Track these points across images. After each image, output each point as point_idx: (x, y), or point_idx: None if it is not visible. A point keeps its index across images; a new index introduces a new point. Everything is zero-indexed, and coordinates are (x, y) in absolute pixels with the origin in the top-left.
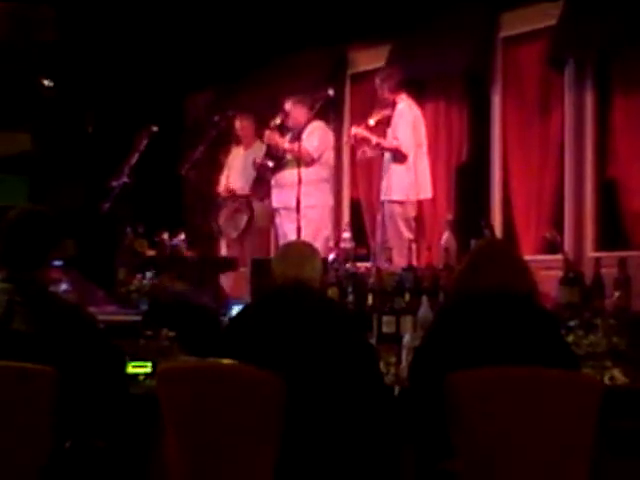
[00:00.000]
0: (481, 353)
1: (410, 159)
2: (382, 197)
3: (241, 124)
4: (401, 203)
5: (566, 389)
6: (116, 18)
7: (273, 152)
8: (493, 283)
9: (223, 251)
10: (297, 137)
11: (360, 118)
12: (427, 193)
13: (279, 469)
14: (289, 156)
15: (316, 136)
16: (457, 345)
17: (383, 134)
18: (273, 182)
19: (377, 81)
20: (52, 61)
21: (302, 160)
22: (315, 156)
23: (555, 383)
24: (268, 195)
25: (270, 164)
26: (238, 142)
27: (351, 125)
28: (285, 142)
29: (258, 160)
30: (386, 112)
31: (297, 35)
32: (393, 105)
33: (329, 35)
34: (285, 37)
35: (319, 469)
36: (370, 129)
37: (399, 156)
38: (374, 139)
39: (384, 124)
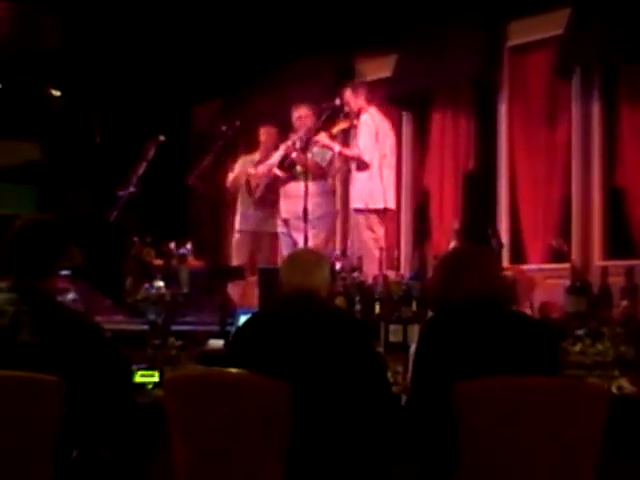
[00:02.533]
0: (476, 362)
1: (374, 168)
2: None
3: (266, 131)
4: (362, 211)
5: (573, 398)
6: (123, 28)
7: (285, 164)
8: (479, 291)
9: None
10: (305, 147)
11: None
12: (391, 203)
13: (286, 477)
14: (299, 168)
15: (327, 150)
16: (453, 355)
17: (347, 144)
18: (282, 193)
19: (347, 93)
20: (60, 71)
21: (312, 173)
22: (327, 170)
23: (562, 392)
24: (276, 205)
25: (281, 174)
26: (250, 150)
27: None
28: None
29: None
30: (351, 122)
31: (304, 45)
32: (358, 116)
33: (336, 45)
34: (292, 47)
35: (326, 477)
36: (333, 138)
37: (361, 165)
38: (337, 147)
39: (348, 135)
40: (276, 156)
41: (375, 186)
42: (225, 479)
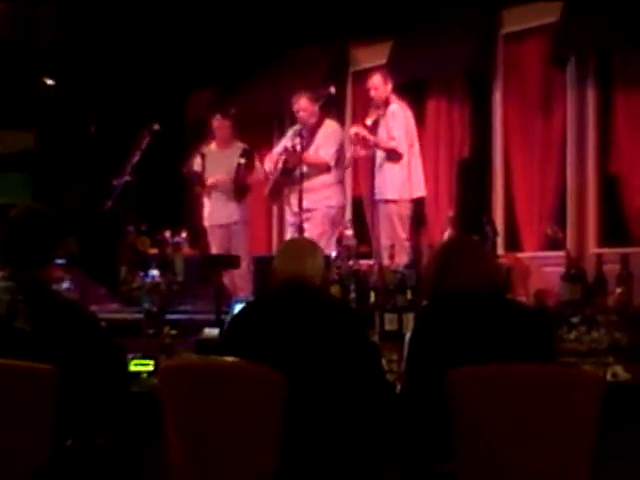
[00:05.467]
0: (471, 350)
1: (404, 159)
2: (377, 196)
3: (219, 123)
4: (395, 202)
5: (568, 385)
6: (118, 17)
7: (289, 166)
8: (473, 281)
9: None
10: (309, 135)
11: (362, 115)
12: (421, 191)
13: (280, 466)
14: (305, 168)
15: (333, 142)
16: (447, 343)
17: (375, 134)
18: (291, 187)
19: (376, 80)
20: (54, 60)
21: (318, 169)
22: (332, 164)
23: (557, 379)
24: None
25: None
26: (248, 139)
27: (353, 123)
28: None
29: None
30: (380, 112)
31: (298, 33)
32: (385, 106)
33: (330, 33)
34: (286, 35)
35: (320, 466)
36: (367, 129)
37: (394, 156)
38: (372, 138)
39: (376, 124)
40: (279, 147)
41: (404, 177)
42: (220, 467)
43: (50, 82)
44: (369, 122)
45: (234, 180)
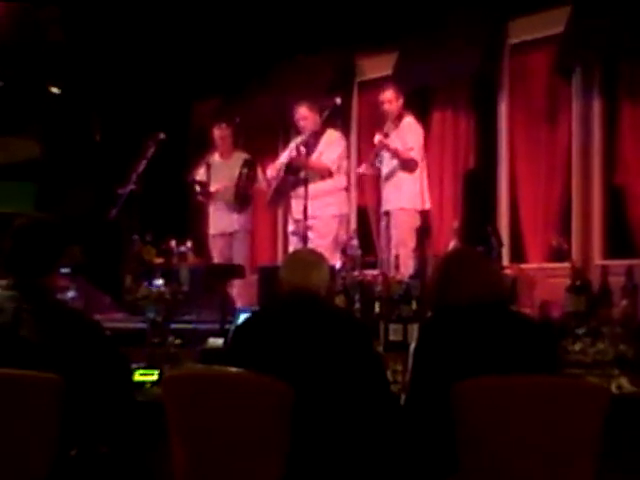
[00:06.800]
0: (475, 362)
1: (418, 170)
2: (387, 207)
3: (220, 134)
4: (407, 212)
5: (573, 397)
6: (123, 26)
7: (293, 167)
8: (475, 292)
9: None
10: (312, 144)
11: (368, 126)
12: (427, 204)
13: (286, 477)
14: (310, 172)
15: (335, 148)
16: (451, 355)
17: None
18: (292, 194)
19: (388, 95)
20: (60, 69)
21: (320, 174)
22: (333, 169)
23: (561, 391)
24: (288, 206)
25: (290, 178)
26: (249, 148)
27: (358, 133)
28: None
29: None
30: (394, 125)
31: (304, 43)
32: (399, 119)
33: (336, 43)
34: (292, 45)
35: (325, 476)
36: (388, 138)
37: (411, 165)
38: (393, 147)
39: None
40: (282, 158)
41: (418, 187)
42: (224, 478)
43: (56, 91)
44: (388, 131)
45: (235, 190)
